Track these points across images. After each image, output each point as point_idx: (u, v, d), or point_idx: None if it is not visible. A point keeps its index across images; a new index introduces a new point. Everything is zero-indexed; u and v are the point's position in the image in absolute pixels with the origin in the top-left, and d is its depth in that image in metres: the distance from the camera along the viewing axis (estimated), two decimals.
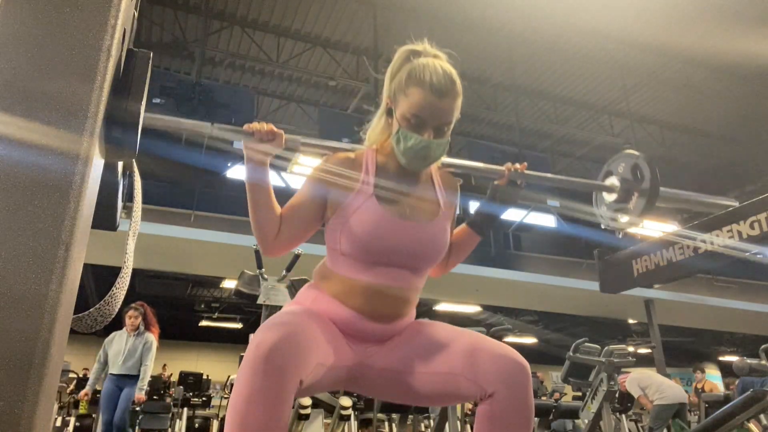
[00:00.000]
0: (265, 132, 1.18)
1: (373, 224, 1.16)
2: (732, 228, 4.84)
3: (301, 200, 1.23)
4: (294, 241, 1.24)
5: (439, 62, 1.21)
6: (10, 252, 0.60)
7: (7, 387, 0.56)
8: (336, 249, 1.20)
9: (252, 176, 1.19)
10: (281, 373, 0.95)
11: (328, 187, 1.21)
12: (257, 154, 1.19)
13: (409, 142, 1.17)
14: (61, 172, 0.63)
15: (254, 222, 1.19)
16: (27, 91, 0.64)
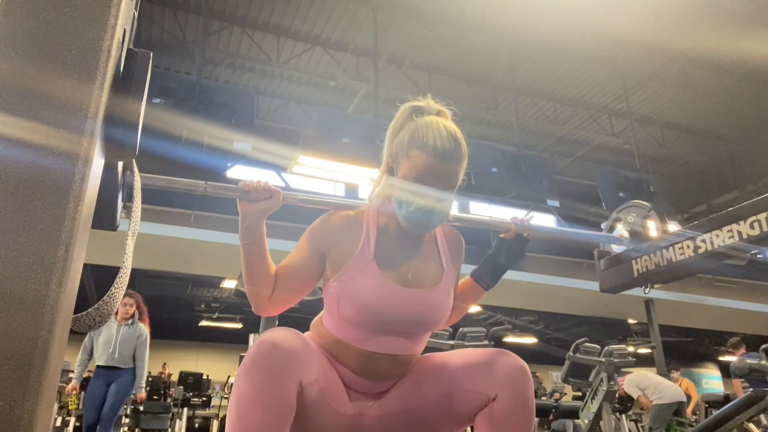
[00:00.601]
0: (262, 190, 1.13)
1: (373, 292, 1.11)
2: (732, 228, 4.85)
3: (298, 260, 1.18)
4: (288, 302, 1.19)
5: (443, 122, 1.16)
6: (10, 252, 0.60)
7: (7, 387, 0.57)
8: (334, 311, 1.15)
9: (246, 236, 1.15)
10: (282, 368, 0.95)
11: (327, 248, 1.17)
12: (252, 215, 1.14)
13: (411, 208, 1.12)
14: (61, 172, 0.63)
15: (248, 281, 1.15)
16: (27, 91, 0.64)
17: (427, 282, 1.18)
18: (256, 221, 1.14)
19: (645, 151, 9.40)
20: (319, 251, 1.17)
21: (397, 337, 1.14)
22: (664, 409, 5.49)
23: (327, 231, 1.18)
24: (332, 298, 1.15)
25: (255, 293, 1.16)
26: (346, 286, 1.12)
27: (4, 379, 0.56)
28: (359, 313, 1.11)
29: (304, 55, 8.09)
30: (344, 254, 1.15)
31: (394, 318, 1.12)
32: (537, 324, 13.55)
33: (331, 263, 1.16)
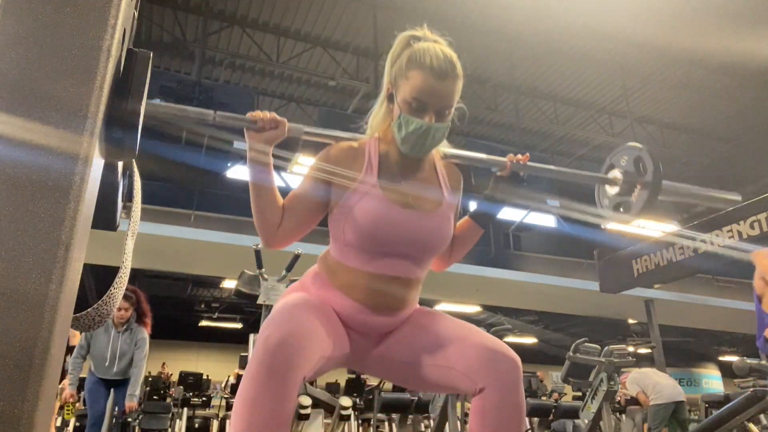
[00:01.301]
0: (268, 120, 1.18)
1: (376, 214, 1.15)
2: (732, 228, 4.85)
3: (304, 190, 1.23)
4: (296, 232, 1.23)
5: (439, 46, 1.21)
6: (10, 252, 0.60)
7: (7, 387, 0.56)
8: (340, 239, 1.20)
9: (255, 164, 1.19)
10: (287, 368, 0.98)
11: (331, 177, 1.21)
12: (260, 143, 1.19)
13: (410, 127, 1.16)
14: (61, 172, 0.63)
15: (256, 214, 1.19)
16: (27, 91, 0.64)
17: (428, 206, 1.22)
18: (263, 149, 1.19)
19: None
20: (323, 180, 1.22)
21: (401, 260, 1.18)
22: (661, 409, 5.49)
23: (330, 160, 1.22)
24: (338, 224, 1.19)
25: (264, 223, 1.19)
26: (350, 211, 1.16)
27: (4, 379, 0.56)
28: (363, 234, 1.15)
29: (304, 55, 8.09)
30: (348, 182, 1.19)
31: (397, 238, 1.16)
32: (537, 324, 13.55)
33: (336, 191, 1.20)
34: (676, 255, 5.11)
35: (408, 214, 1.18)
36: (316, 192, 1.21)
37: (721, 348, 16.14)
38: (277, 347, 0.97)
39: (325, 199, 1.22)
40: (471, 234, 1.36)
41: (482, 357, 1.12)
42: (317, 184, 1.22)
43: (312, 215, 1.23)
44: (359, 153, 1.24)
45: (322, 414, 3.44)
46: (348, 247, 1.18)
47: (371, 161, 1.22)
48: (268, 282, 3.37)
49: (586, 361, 4.62)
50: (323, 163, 1.23)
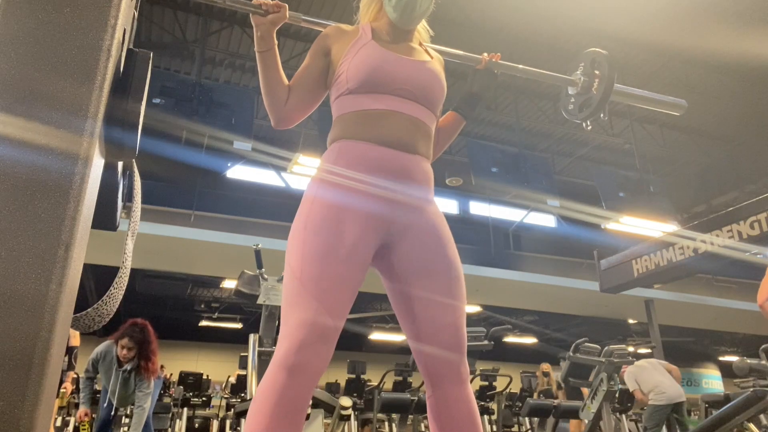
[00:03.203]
0: (272, 4, 1.29)
1: (375, 57, 1.27)
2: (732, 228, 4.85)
3: (306, 66, 1.34)
4: (303, 108, 1.35)
5: None
6: (10, 252, 0.60)
7: (7, 387, 0.56)
8: (344, 93, 1.28)
9: (262, 45, 1.29)
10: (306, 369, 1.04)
11: (329, 47, 1.33)
12: (264, 25, 1.29)
13: None
14: (61, 172, 0.63)
15: (265, 91, 1.30)
16: (27, 91, 0.64)
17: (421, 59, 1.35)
18: (268, 30, 1.30)
19: (645, 151, 9.40)
20: (323, 52, 1.34)
21: (405, 99, 1.27)
22: (658, 410, 5.35)
23: (327, 36, 1.36)
24: (341, 82, 1.28)
25: (273, 100, 1.31)
26: (350, 62, 1.27)
27: (4, 379, 0.56)
28: (365, 74, 1.25)
29: (303, 55, 8.09)
30: (345, 46, 1.31)
31: (395, 75, 1.27)
32: (537, 324, 13.55)
33: (336, 55, 1.32)
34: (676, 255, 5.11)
35: (404, 59, 1.30)
36: (318, 64, 1.33)
37: (721, 348, 16.13)
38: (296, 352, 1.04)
39: (326, 70, 1.34)
40: (455, 124, 1.48)
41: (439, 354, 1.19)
42: (317, 58, 1.34)
43: (315, 89, 1.34)
44: (354, 30, 1.37)
45: (322, 414, 3.44)
46: (352, 96, 1.27)
47: (364, 31, 1.35)
48: (268, 282, 3.37)
49: (586, 361, 4.62)
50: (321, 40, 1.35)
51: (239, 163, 8.60)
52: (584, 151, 10.34)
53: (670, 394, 5.34)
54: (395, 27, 1.35)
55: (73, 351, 4.50)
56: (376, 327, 13.29)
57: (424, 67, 1.32)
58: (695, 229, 5.10)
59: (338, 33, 1.36)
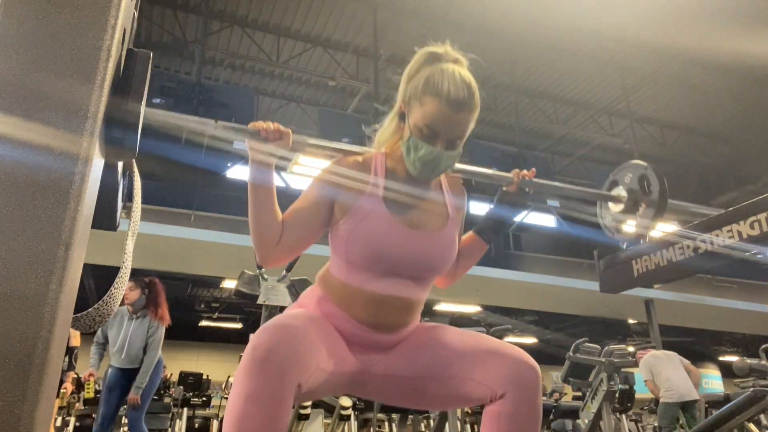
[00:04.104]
0: (272, 131, 1.13)
1: (381, 233, 1.12)
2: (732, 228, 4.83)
3: (307, 203, 1.17)
4: (295, 249, 1.18)
5: (459, 69, 1.15)
6: (10, 252, 0.60)
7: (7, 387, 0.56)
8: (341, 256, 1.16)
9: (256, 177, 1.14)
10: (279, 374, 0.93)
11: (335, 190, 1.17)
12: (262, 155, 1.13)
13: (419, 152, 1.12)
14: (61, 172, 0.63)
15: (254, 227, 1.14)
16: (27, 91, 0.64)
17: (434, 225, 1.19)
18: (266, 161, 1.13)
19: (645, 151, 9.40)
20: (327, 195, 1.17)
21: (404, 280, 1.15)
22: (670, 408, 5.29)
23: (335, 174, 1.18)
24: (340, 241, 1.15)
25: (262, 240, 1.14)
26: (354, 228, 1.12)
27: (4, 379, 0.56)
28: (368, 254, 1.12)
29: (304, 55, 8.10)
30: (352, 196, 1.15)
31: (401, 259, 1.13)
32: (537, 324, 13.55)
33: (340, 206, 1.16)
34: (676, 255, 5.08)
35: (412, 234, 1.15)
36: (319, 204, 1.17)
37: (721, 348, 16.14)
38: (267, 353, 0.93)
39: (328, 215, 1.18)
40: (476, 249, 1.34)
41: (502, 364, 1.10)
42: (322, 196, 1.17)
43: (314, 230, 1.18)
44: (365, 168, 1.19)
45: (322, 414, 3.44)
46: (350, 265, 1.15)
47: (377, 176, 1.18)
48: (268, 282, 3.37)
49: (586, 361, 4.62)
50: (327, 178, 1.18)
51: (239, 163, 8.60)
52: (584, 151, 10.34)
53: (680, 392, 5.24)
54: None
55: (73, 351, 4.50)
56: None
57: (437, 242, 1.17)
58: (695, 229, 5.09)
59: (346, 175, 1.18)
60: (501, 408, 1.08)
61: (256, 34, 7.78)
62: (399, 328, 1.19)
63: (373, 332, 1.17)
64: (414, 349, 1.20)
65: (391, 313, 1.16)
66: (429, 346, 1.19)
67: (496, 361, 1.11)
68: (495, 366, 1.10)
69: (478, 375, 1.10)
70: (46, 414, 0.61)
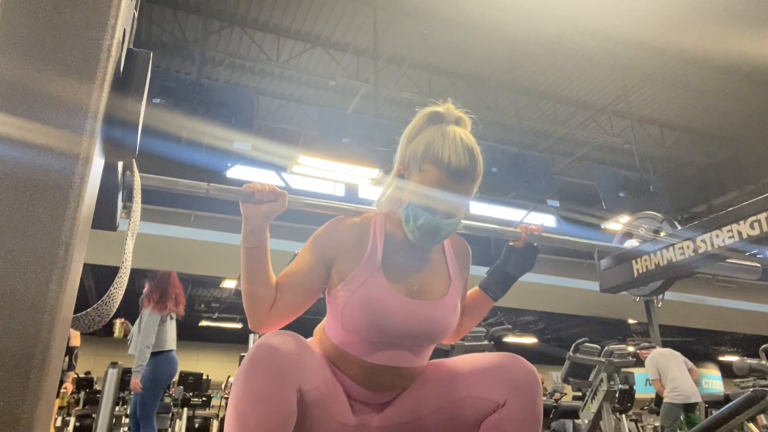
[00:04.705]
0: (267, 193, 1.09)
1: (379, 303, 1.07)
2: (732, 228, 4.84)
3: (303, 268, 1.13)
4: (290, 314, 1.13)
5: (461, 134, 1.10)
6: (10, 252, 0.60)
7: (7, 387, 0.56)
8: (338, 320, 1.11)
9: (249, 240, 1.11)
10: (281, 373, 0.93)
11: (333, 256, 1.12)
12: (256, 217, 1.10)
13: (418, 222, 1.08)
14: (61, 172, 0.63)
15: (247, 291, 1.10)
16: (27, 90, 0.64)
17: (435, 294, 1.14)
18: (260, 224, 1.10)
19: (645, 151, 9.40)
20: (324, 259, 1.13)
21: (402, 350, 1.11)
22: (673, 408, 5.28)
23: (333, 239, 1.14)
24: (337, 307, 1.11)
25: (255, 303, 1.11)
26: (351, 296, 1.08)
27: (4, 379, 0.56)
28: (364, 325, 1.07)
29: (304, 55, 8.09)
30: (351, 262, 1.11)
31: (399, 331, 1.08)
32: (537, 324, 13.55)
33: (337, 272, 1.12)
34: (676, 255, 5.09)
35: (412, 304, 1.10)
36: (314, 272, 1.12)
37: (721, 348, 16.14)
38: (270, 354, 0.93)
39: (324, 280, 1.13)
40: (482, 306, 1.30)
41: (501, 375, 1.07)
42: (316, 264, 1.12)
43: (308, 296, 1.14)
44: (363, 232, 1.15)
45: None
46: (346, 332, 1.10)
47: (376, 243, 1.13)
48: None
49: (586, 361, 4.63)
50: (324, 242, 1.14)
51: (239, 163, 8.59)
52: (584, 151, 10.34)
53: (686, 393, 5.23)
54: None
55: (74, 351, 4.53)
56: None
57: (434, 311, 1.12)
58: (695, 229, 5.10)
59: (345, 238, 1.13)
60: (501, 415, 1.05)
61: (256, 34, 7.78)
62: (396, 389, 1.16)
63: (369, 393, 1.13)
64: (409, 395, 1.16)
65: (387, 380, 1.13)
66: (422, 385, 1.15)
67: (493, 374, 1.08)
68: (493, 378, 1.07)
69: (476, 391, 1.07)
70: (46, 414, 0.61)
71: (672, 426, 5.24)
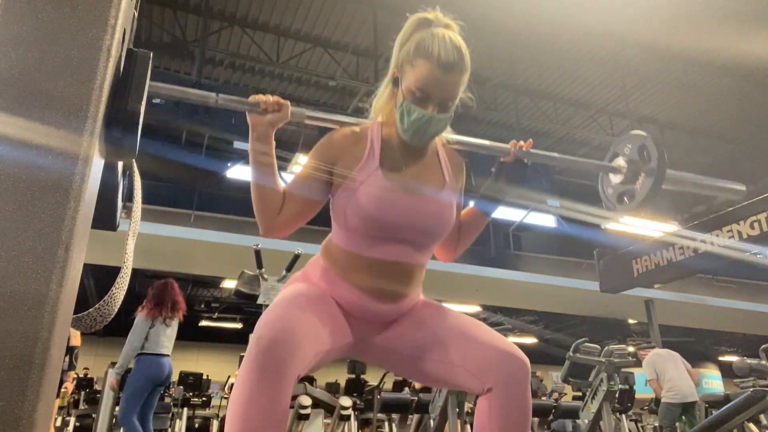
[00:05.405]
0: (271, 103, 1.18)
1: (379, 198, 1.15)
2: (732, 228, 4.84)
3: (306, 175, 1.21)
4: (297, 219, 1.21)
5: (449, 34, 1.19)
6: (10, 252, 0.60)
7: (7, 387, 0.56)
8: (342, 224, 1.19)
9: (257, 148, 1.18)
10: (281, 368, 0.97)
11: (333, 160, 1.20)
12: (262, 125, 1.17)
13: (411, 116, 1.16)
14: (61, 172, 0.63)
15: (256, 198, 1.17)
16: (27, 91, 0.64)
17: (431, 191, 1.22)
18: (266, 132, 1.18)
19: None
20: (325, 164, 1.21)
21: (403, 245, 1.18)
22: (671, 408, 5.28)
23: (333, 144, 1.22)
24: (339, 210, 1.18)
25: (265, 209, 1.18)
26: (352, 195, 1.16)
27: (4, 379, 0.56)
28: (366, 219, 1.14)
29: (304, 55, 8.09)
30: (350, 165, 1.18)
31: (399, 223, 1.16)
32: (537, 324, 13.56)
33: (338, 176, 1.19)
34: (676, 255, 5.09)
35: (410, 198, 1.18)
36: (318, 177, 1.20)
37: (721, 348, 16.14)
38: (269, 347, 0.97)
39: (327, 185, 1.21)
40: (477, 222, 1.36)
41: (492, 357, 1.12)
42: (319, 170, 1.21)
43: (313, 201, 1.21)
44: (361, 138, 1.23)
45: (322, 414, 3.45)
46: (350, 232, 1.18)
47: (373, 146, 1.21)
48: (268, 282, 3.37)
49: (586, 361, 4.62)
50: (325, 149, 1.22)
51: (239, 163, 8.60)
52: (584, 151, 10.34)
53: (683, 393, 5.24)
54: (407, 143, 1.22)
55: (74, 351, 4.52)
56: None
57: (434, 207, 1.20)
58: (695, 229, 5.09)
59: (345, 144, 1.21)
60: (489, 403, 1.10)
61: (256, 34, 7.78)
62: (399, 298, 1.21)
63: (374, 302, 1.19)
64: (411, 326, 1.23)
65: (391, 281, 1.19)
66: (426, 326, 1.22)
67: (487, 354, 1.13)
68: (485, 357, 1.12)
69: (469, 364, 1.13)
70: (46, 414, 0.61)
71: (670, 426, 5.24)
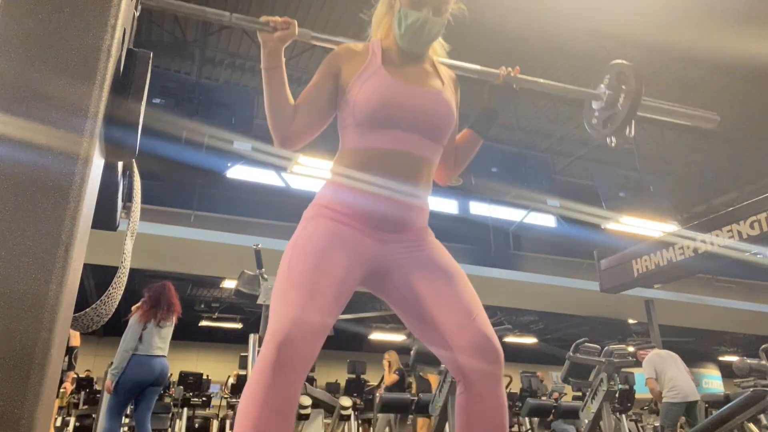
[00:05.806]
0: (280, 22, 1.26)
1: (382, 88, 1.23)
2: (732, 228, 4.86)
3: (314, 86, 1.30)
4: (308, 130, 1.30)
5: None
6: (10, 252, 0.60)
7: (7, 387, 0.56)
8: (349, 124, 1.26)
9: (268, 63, 1.26)
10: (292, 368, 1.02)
11: (338, 68, 1.30)
12: (273, 41, 1.26)
13: (408, 20, 1.26)
14: (61, 172, 0.63)
15: (270, 110, 1.26)
16: (27, 91, 0.64)
17: (430, 87, 1.31)
18: (275, 47, 1.27)
19: (645, 151, 9.40)
20: (332, 72, 1.30)
21: (409, 133, 1.24)
22: (673, 407, 5.26)
23: (337, 55, 1.32)
24: (348, 110, 1.26)
25: (278, 120, 1.27)
26: (359, 90, 1.24)
27: (4, 379, 0.56)
28: (371, 108, 1.22)
29: (304, 55, 8.10)
30: (355, 66, 1.28)
31: (403, 110, 1.23)
32: (537, 324, 13.55)
33: (344, 79, 1.29)
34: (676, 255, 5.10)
35: (412, 89, 1.26)
36: (326, 85, 1.29)
37: (721, 348, 16.13)
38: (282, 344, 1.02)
39: (334, 93, 1.30)
40: (472, 143, 1.45)
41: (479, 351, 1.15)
42: (326, 77, 1.30)
43: (323, 111, 1.30)
44: (364, 50, 1.33)
45: (322, 414, 3.44)
46: (357, 128, 1.24)
47: (375, 52, 1.31)
48: (268, 282, 3.37)
49: (586, 361, 4.62)
50: (330, 60, 1.32)
51: (239, 163, 8.60)
52: (584, 151, 10.33)
53: (685, 392, 5.21)
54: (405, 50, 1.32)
55: (73, 351, 4.52)
56: (375, 327, 13.29)
57: (435, 99, 1.28)
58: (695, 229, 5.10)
59: (348, 54, 1.31)
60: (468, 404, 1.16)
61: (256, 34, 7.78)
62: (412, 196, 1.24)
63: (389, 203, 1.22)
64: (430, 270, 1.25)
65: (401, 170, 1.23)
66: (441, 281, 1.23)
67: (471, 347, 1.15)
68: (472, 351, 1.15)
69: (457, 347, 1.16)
70: (46, 414, 0.61)
71: (672, 426, 5.23)
